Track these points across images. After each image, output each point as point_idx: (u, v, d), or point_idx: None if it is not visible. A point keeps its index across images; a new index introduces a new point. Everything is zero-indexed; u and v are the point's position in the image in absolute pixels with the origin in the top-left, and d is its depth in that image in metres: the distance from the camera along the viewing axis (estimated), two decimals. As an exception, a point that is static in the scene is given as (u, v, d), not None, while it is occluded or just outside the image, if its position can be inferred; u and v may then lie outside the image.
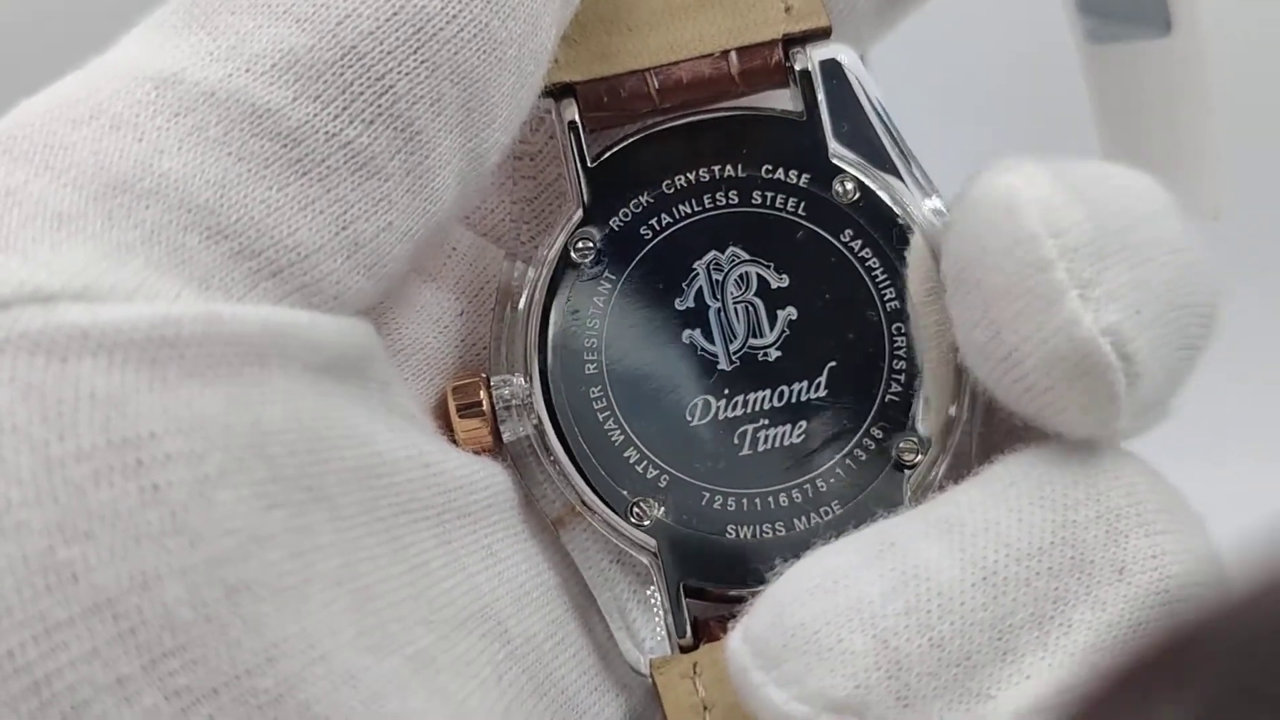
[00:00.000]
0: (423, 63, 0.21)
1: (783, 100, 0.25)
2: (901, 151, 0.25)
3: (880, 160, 0.25)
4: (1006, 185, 0.21)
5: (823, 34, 0.25)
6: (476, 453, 0.24)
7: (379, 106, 0.20)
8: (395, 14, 0.20)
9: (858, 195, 0.24)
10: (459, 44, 0.21)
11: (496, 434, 0.24)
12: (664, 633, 0.23)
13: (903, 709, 0.19)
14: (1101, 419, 0.21)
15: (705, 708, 0.22)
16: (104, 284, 0.18)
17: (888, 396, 0.24)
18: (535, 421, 0.24)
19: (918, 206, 0.24)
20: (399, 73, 0.20)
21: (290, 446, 0.19)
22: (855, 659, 0.19)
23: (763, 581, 0.22)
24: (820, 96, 0.25)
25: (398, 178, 0.21)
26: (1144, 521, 0.20)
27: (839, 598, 0.19)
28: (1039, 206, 0.21)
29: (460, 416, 0.23)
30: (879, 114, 0.25)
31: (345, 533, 0.20)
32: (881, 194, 0.24)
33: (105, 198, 0.18)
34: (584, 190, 0.24)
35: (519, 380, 0.24)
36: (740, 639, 0.20)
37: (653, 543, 0.23)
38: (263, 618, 0.18)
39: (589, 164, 0.24)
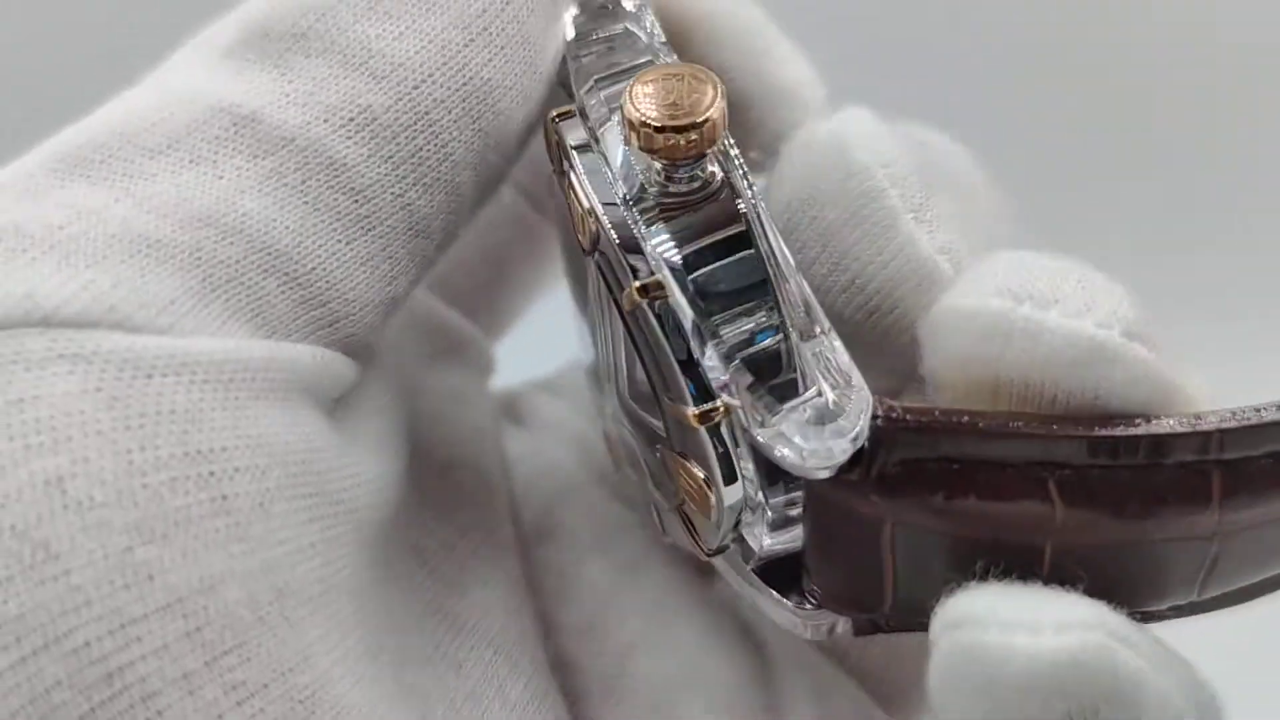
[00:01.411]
0: (479, 132, 0.21)
1: None
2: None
3: None
4: (831, 129, 0.22)
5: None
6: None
7: (439, 173, 0.21)
8: (465, 84, 0.21)
9: None
10: (510, 114, 0.22)
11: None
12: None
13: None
14: None
15: None
16: (185, 324, 0.19)
17: None
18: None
19: None
20: (459, 141, 0.21)
21: (328, 464, 0.20)
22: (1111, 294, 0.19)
23: None
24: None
25: (438, 237, 0.22)
26: None
27: (1043, 258, 0.20)
28: (866, 139, 0.22)
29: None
30: None
31: (362, 544, 0.21)
32: None
33: (191, 228, 0.19)
34: None
35: None
36: (984, 296, 0.19)
37: None
38: (300, 620, 0.19)
39: None
